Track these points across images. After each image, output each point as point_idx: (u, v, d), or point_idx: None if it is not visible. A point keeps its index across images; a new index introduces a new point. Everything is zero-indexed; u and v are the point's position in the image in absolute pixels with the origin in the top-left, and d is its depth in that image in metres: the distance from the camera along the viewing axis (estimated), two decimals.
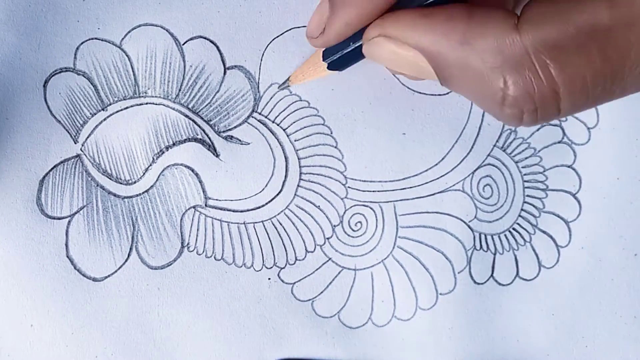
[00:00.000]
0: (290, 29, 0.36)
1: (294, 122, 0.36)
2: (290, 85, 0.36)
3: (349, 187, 0.36)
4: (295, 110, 0.36)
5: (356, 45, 0.30)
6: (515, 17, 0.24)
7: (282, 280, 0.36)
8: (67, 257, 0.35)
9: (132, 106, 0.35)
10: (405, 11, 0.27)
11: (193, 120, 0.35)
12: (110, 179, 0.35)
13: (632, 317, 0.36)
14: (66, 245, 0.35)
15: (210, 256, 0.35)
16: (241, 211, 0.36)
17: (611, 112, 0.37)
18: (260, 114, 0.36)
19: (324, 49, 0.32)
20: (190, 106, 0.35)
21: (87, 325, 0.35)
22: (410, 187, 0.36)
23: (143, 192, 0.35)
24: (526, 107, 0.25)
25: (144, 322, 0.35)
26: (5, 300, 0.34)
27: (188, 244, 0.35)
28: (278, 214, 0.36)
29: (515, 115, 0.26)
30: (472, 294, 0.36)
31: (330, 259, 0.36)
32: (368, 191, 0.36)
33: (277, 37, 0.36)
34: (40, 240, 0.35)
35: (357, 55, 0.30)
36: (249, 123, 0.36)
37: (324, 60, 0.32)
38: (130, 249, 0.35)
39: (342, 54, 0.31)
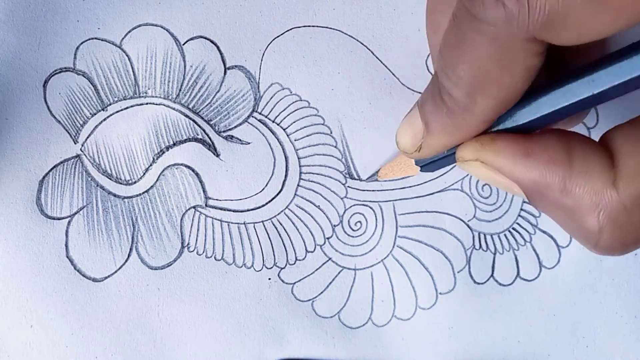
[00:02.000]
0: (290, 29, 0.36)
1: (294, 122, 0.36)
2: (378, 180, 0.36)
3: (348, 186, 0.36)
4: (295, 110, 0.36)
5: (450, 152, 0.29)
6: (611, 168, 0.24)
7: (282, 280, 0.36)
8: (67, 257, 0.35)
9: (132, 106, 0.35)
10: (502, 140, 0.26)
11: (193, 120, 0.35)
12: (110, 179, 0.35)
13: (632, 317, 0.36)
14: (66, 245, 0.35)
15: (211, 256, 0.35)
16: (241, 211, 0.36)
17: (611, 112, 0.37)
18: (260, 113, 0.36)
19: None
20: (190, 106, 0.35)
21: (87, 325, 0.35)
22: (410, 187, 0.36)
23: (143, 192, 0.35)
24: (618, 251, 0.26)
25: (144, 322, 0.35)
26: (5, 300, 0.34)
27: (188, 244, 0.35)
28: (278, 214, 0.36)
29: (604, 253, 0.26)
30: (472, 294, 0.36)
31: (330, 258, 0.36)
32: (368, 190, 0.36)
33: (278, 37, 0.36)
34: (40, 241, 0.35)
35: (450, 161, 0.30)
36: (249, 123, 0.36)
37: (416, 164, 0.32)
38: (130, 249, 0.35)
39: (435, 161, 0.30)
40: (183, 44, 0.35)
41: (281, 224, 0.36)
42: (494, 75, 0.24)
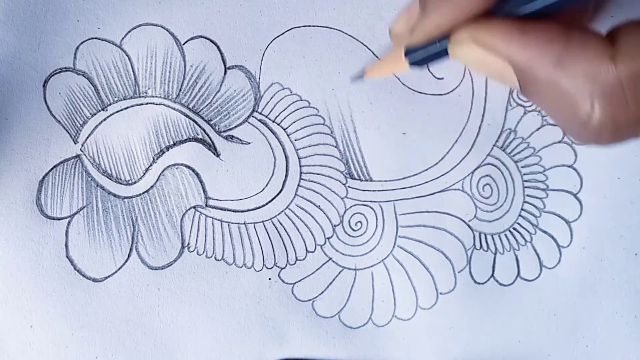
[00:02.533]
0: (291, 29, 0.36)
1: (294, 122, 0.36)
2: (365, 77, 0.35)
3: (349, 186, 0.36)
4: (295, 110, 0.36)
5: (442, 45, 0.29)
6: (610, 46, 0.25)
7: (283, 280, 0.36)
8: (67, 257, 0.35)
9: (132, 106, 0.35)
10: (499, 20, 0.26)
11: (193, 120, 0.35)
12: (110, 179, 0.35)
13: (633, 317, 0.36)
14: (66, 245, 0.35)
15: (211, 256, 0.35)
16: (241, 211, 0.35)
17: None
18: (260, 113, 0.36)
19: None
20: (190, 106, 0.35)
21: (87, 325, 0.35)
22: (410, 187, 0.36)
23: (143, 192, 0.35)
24: (607, 132, 0.25)
25: (144, 322, 0.35)
26: (5, 301, 0.34)
27: (188, 244, 0.35)
28: (278, 214, 0.36)
29: (594, 137, 0.26)
30: (472, 294, 0.36)
31: (330, 258, 0.36)
32: (368, 190, 0.36)
33: (278, 36, 0.36)
34: (40, 241, 0.35)
35: (440, 54, 0.30)
36: (249, 123, 0.36)
37: (405, 56, 0.32)
38: (131, 249, 0.35)
39: (427, 53, 0.30)
40: (183, 44, 0.35)
41: (281, 224, 0.36)
42: None
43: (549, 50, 0.25)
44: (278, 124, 0.36)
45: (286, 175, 0.36)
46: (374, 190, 0.36)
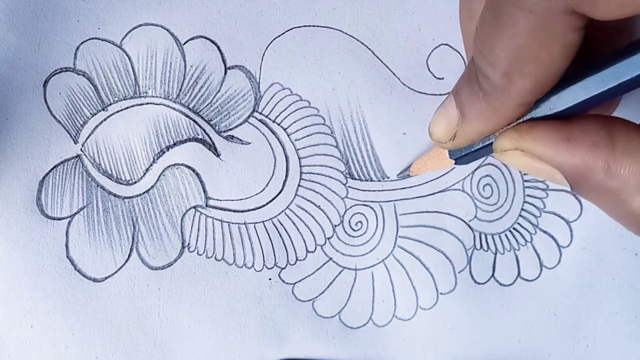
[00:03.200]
0: (291, 29, 0.36)
1: (294, 122, 0.36)
2: (411, 175, 0.36)
3: (349, 186, 0.36)
4: (295, 110, 0.36)
5: (486, 143, 0.29)
6: None
7: (283, 281, 0.36)
8: (68, 257, 0.35)
9: (132, 106, 0.35)
10: (542, 126, 0.26)
11: (194, 120, 0.35)
12: (110, 179, 0.35)
13: (633, 317, 0.36)
14: (66, 245, 0.35)
15: (211, 256, 0.35)
16: (242, 211, 0.35)
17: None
18: (261, 113, 0.36)
19: None
20: (190, 106, 0.35)
21: (87, 325, 0.35)
22: (410, 187, 0.36)
23: (143, 193, 0.35)
24: None
25: (144, 322, 0.35)
26: (6, 301, 0.34)
27: (189, 244, 0.35)
28: (279, 214, 0.36)
29: None
30: (472, 294, 0.36)
31: (330, 259, 0.36)
32: (368, 191, 0.36)
33: (278, 36, 0.36)
34: (40, 241, 0.34)
35: (485, 152, 0.29)
36: (249, 123, 0.36)
37: (450, 157, 0.31)
38: (131, 249, 0.35)
39: (470, 152, 0.30)
40: (183, 44, 0.35)
41: (282, 224, 0.36)
42: (533, 52, 0.24)
43: (597, 157, 0.25)
44: (278, 124, 0.36)
45: (286, 175, 0.36)
46: (374, 190, 0.36)
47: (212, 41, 0.36)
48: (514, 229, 0.37)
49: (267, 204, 0.36)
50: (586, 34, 0.23)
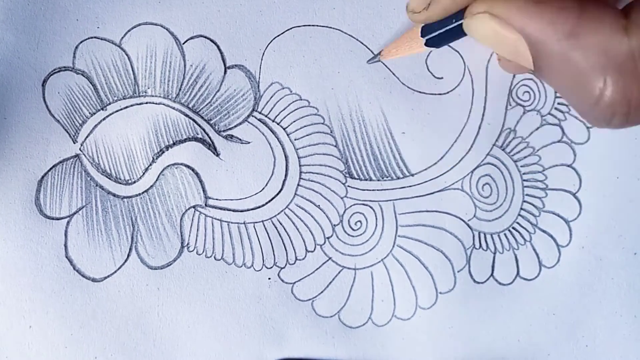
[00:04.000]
0: (291, 28, 0.36)
1: (294, 121, 0.36)
2: (381, 59, 0.35)
3: (348, 186, 0.36)
4: (295, 110, 0.36)
5: (457, 23, 0.29)
6: (624, 18, 0.24)
7: (282, 280, 0.36)
8: (66, 257, 0.35)
9: (131, 105, 0.35)
10: None
11: (193, 120, 0.35)
12: (109, 178, 0.35)
13: (632, 317, 0.37)
14: (65, 245, 0.35)
15: (210, 256, 0.35)
16: (241, 211, 0.35)
17: None
18: (260, 113, 0.36)
19: (421, 25, 0.32)
20: (190, 105, 0.35)
21: (86, 325, 0.35)
22: (410, 186, 0.36)
23: (143, 192, 0.35)
24: (620, 109, 0.25)
25: (143, 322, 0.35)
26: (4, 301, 0.34)
27: (188, 243, 0.35)
28: (278, 214, 0.36)
29: (606, 116, 0.25)
30: (472, 293, 0.36)
31: (330, 258, 0.36)
32: (368, 190, 0.36)
33: (278, 36, 0.36)
34: (39, 241, 0.34)
35: (456, 32, 0.30)
36: (249, 122, 0.36)
37: (422, 36, 0.31)
38: (130, 249, 0.35)
39: (443, 31, 0.30)
40: (183, 43, 0.35)
41: (281, 224, 0.36)
42: None
43: (562, 20, 0.25)
44: (278, 124, 0.36)
45: (286, 175, 0.36)
46: (373, 190, 0.36)
47: (211, 40, 0.36)
48: (513, 228, 0.37)
49: (266, 203, 0.36)
50: None
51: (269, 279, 0.36)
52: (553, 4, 0.25)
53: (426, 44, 0.32)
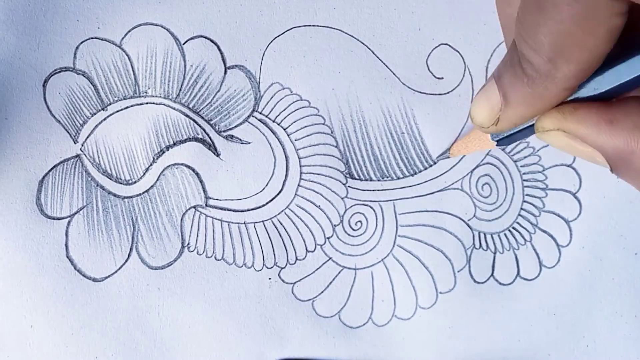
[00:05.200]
0: (291, 29, 0.36)
1: (294, 122, 0.36)
2: (451, 157, 0.36)
3: (349, 186, 0.36)
4: (295, 110, 0.36)
5: (528, 124, 0.29)
6: None
7: (283, 280, 0.36)
8: (67, 257, 0.35)
9: (132, 106, 0.35)
10: (585, 108, 0.26)
11: (193, 120, 0.35)
12: (110, 179, 0.35)
13: (632, 317, 0.37)
14: (66, 245, 0.35)
15: (211, 256, 0.35)
16: (242, 211, 0.35)
17: None
18: (261, 113, 0.36)
19: None
20: (190, 106, 0.35)
21: (87, 325, 0.35)
22: (410, 186, 0.36)
23: (143, 192, 0.35)
24: None
25: (144, 322, 0.35)
26: (5, 301, 0.34)
27: (188, 244, 0.35)
28: (278, 214, 0.36)
29: None
30: (472, 293, 0.36)
31: (330, 258, 0.36)
32: (368, 190, 0.36)
33: (278, 36, 0.36)
34: (40, 241, 0.34)
35: (527, 133, 0.29)
36: (249, 122, 0.36)
37: (492, 138, 0.31)
38: (131, 249, 0.35)
39: (512, 134, 0.30)
40: (183, 44, 0.35)
41: (281, 224, 0.36)
42: (577, 38, 0.23)
43: (638, 140, 0.24)
44: (278, 124, 0.36)
45: (286, 175, 0.36)
46: (373, 190, 0.36)
47: (212, 41, 0.36)
48: (514, 228, 0.37)
49: (267, 203, 0.36)
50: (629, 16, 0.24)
51: (270, 279, 0.36)
52: (626, 124, 0.25)
53: (498, 145, 0.32)
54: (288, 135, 0.36)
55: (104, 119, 0.35)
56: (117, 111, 0.35)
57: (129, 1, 0.35)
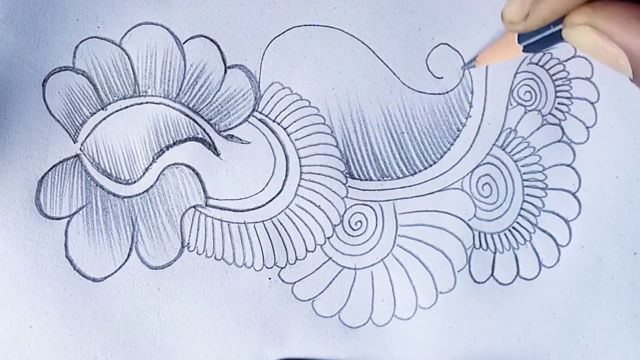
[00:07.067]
0: (291, 28, 0.36)
1: (294, 122, 0.36)
2: (476, 65, 0.35)
3: (349, 186, 0.36)
4: (296, 110, 0.36)
5: (556, 28, 0.29)
6: None
7: (283, 280, 0.36)
8: (67, 257, 0.35)
9: (132, 105, 0.35)
10: (617, 4, 0.26)
11: (193, 120, 0.35)
12: (109, 178, 0.35)
13: (632, 316, 0.37)
14: (65, 245, 0.35)
15: (211, 256, 0.35)
16: (241, 211, 0.35)
17: (610, 111, 0.37)
18: (261, 113, 0.36)
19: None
20: (190, 105, 0.35)
21: (86, 326, 0.35)
22: (410, 186, 0.36)
23: (143, 192, 0.35)
24: None
25: (143, 322, 0.35)
26: (4, 301, 0.34)
27: (188, 243, 0.35)
28: (278, 214, 0.36)
29: None
30: (472, 293, 0.36)
31: (330, 258, 0.36)
32: (368, 190, 0.36)
33: (278, 36, 0.36)
34: (39, 241, 0.34)
35: (555, 39, 0.29)
36: (249, 122, 0.36)
37: (519, 42, 0.31)
38: (130, 249, 0.35)
39: (541, 38, 0.30)
40: (183, 43, 0.35)
41: (281, 224, 0.36)
42: None
43: None
44: (278, 124, 0.36)
45: (286, 175, 0.36)
46: (373, 190, 0.36)
47: (212, 40, 0.36)
48: (513, 228, 0.37)
49: (266, 203, 0.36)
50: None
51: (269, 278, 0.36)
52: None
53: (524, 51, 0.32)
54: (288, 135, 0.36)
55: (104, 119, 0.35)
56: (117, 111, 0.35)
57: (129, 1, 0.35)
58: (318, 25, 0.36)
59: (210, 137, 0.35)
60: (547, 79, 0.37)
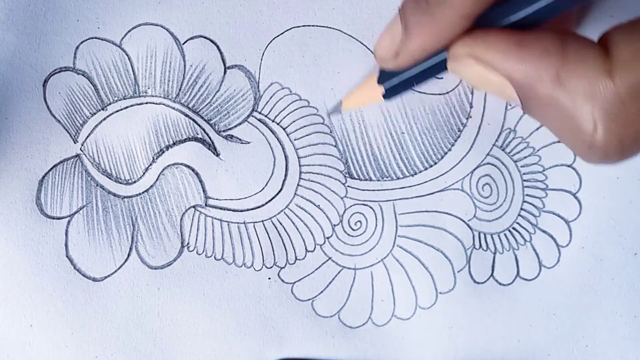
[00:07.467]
0: (290, 28, 0.36)
1: (294, 121, 0.36)
2: (343, 109, 0.35)
3: (348, 186, 0.36)
4: (295, 110, 0.36)
5: (417, 71, 0.29)
6: (606, 57, 0.24)
7: (282, 280, 0.36)
8: (67, 257, 0.35)
9: (132, 106, 0.35)
10: (496, 34, 0.26)
11: (193, 120, 0.35)
12: (110, 178, 0.35)
13: (632, 317, 0.36)
14: (66, 245, 0.35)
15: (210, 256, 0.35)
16: (241, 210, 0.36)
17: None
18: (260, 113, 0.36)
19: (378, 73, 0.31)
20: (190, 105, 0.35)
21: (86, 325, 0.35)
22: (410, 186, 0.36)
23: (143, 192, 0.35)
24: (613, 151, 0.24)
25: (143, 322, 0.35)
26: (5, 300, 0.34)
27: (188, 243, 0.35)
28: (278, 214, 0.36)
29: (600, 158, 0.25)
30: (472, 293, 0.36)
31: (330, 258, 0.36)
32: (368, 190, 0.36)
33: (278, 36, 0.36)
34: (40, 240, 0.35)
35: (417, 79, 0.29)
36: (249, 122, 0.36)
37: (378, 82, 0.31)
38: (130, 248, 0.35)
39: (403, 81, 0.30)
40: (183, 44, 0.35)
41: (281, 224, 0.36)
42: None
43: (546, 66, 0.24)
44: (277, 124, 0.36)
45: (286, 175, 0.36)
46: (373, 190, 0.36)
47: (211, 41, 0.36)
48: (513, 228, 0.37)
49: (266, 203, 0.36)
50: None
51: (269, 278, 0.36)
52: (535, 47, 0.25)
53: (385, 98, 0.32)
54: (287, 134, 0.36)
55: (104, 119, 0.35)
56: (117, 111, 0.35)
57: (129, 1, 0.35)
58: (317, 26, 0.36)
59: (210, 137, 0.35)
60: None
